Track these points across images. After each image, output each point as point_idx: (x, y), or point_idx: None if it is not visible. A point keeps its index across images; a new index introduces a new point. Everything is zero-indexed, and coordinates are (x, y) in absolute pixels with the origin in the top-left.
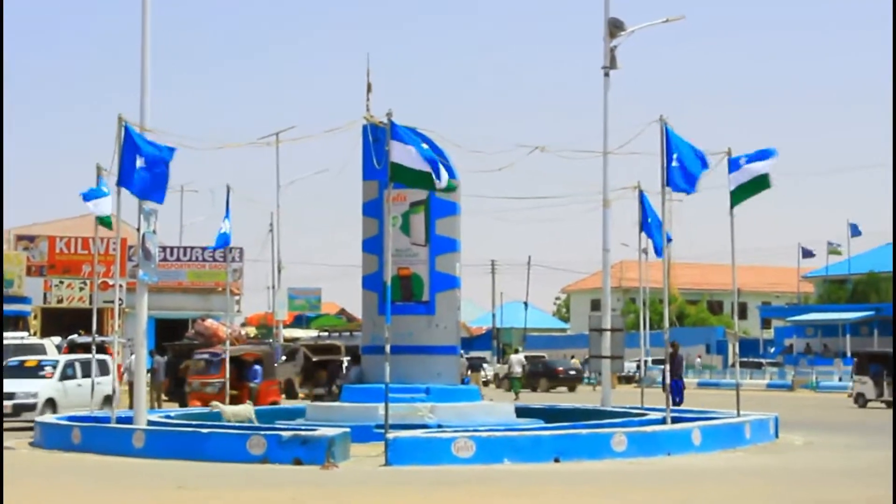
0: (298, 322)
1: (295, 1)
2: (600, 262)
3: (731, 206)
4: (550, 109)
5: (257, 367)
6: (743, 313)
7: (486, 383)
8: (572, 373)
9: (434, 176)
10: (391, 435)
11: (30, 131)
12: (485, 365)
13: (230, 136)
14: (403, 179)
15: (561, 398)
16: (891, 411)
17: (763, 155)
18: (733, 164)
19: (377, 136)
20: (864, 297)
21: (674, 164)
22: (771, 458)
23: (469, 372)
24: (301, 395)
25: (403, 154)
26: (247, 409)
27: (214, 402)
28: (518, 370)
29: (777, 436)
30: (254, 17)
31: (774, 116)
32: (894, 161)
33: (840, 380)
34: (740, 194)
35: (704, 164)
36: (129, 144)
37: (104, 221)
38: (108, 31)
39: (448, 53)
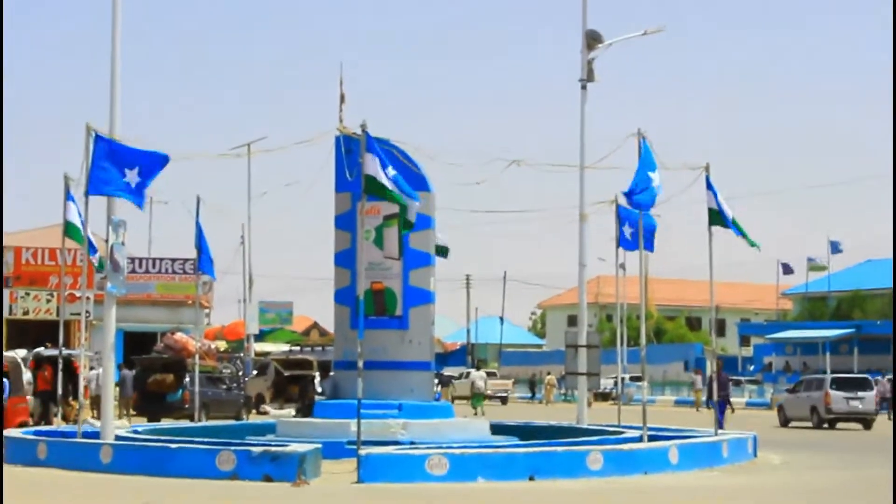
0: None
1: (267, 10)
2: (577, 277)
3: (710, 223)
4: (527, 122)
5: (4, 380)
6: (721, 330)
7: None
8: None
9: (405, 200)
10: (363, 451)
11: None
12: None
13: (201, 146)
14: (377, 192)
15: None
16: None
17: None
18: (712, 185)
19: (350, 148)
20: (847, 315)
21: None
22: (748, 477)
23: (440, 387)
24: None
25: (377, 167)
26: (121, 424)
27: (86, 419)
28: (480, 386)
29: (755, 455)
30: (225, 26)
31: (754, 130)
32: (894, 174)
33: None
34: (722, 219)
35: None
36: (103, 153)
37: (74, 235)
38: (77, 40)
39: (422, 64)
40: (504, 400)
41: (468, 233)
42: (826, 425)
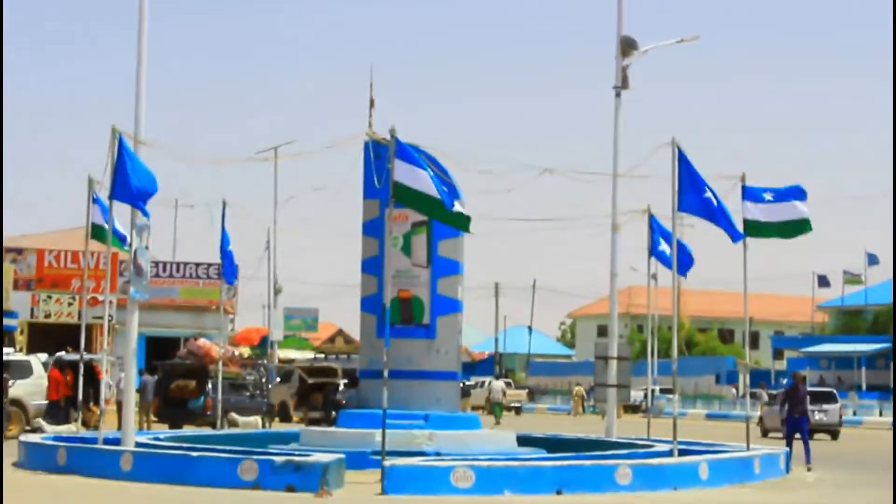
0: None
1: (295, 12)
2: (608, 287)
3: (745, 234)
4: (560, 129)
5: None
6: (755, 343)
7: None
8: None
9: (445, 205)
10: (388, 462)
11: (19, 141)
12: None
13: (228, 151)
14: (405, 200)
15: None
16: None
17: (791, 193)
18: (749, 192)
19: (379, 153)
20: (885, 329)
21: (708, 197)
22: (779, 494)
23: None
24: (295, 418)
25: (407, 174)
26: (68, 430)
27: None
28: (499, 396)
29: (788, 471)
30: (253, 29)
31: (791, 141)
32: (894, 187)
33: (854, 414)
34: (766, 230)
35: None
36: (123, 157)
37: (101, 238)
38: (103, 42)
39: (454, 70)
40: (518, 410)
41: (498, 241)
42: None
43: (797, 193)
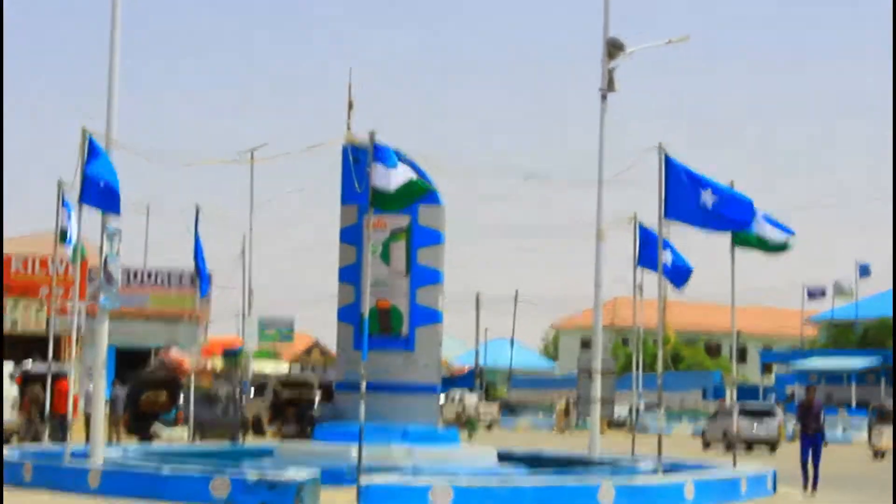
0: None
1: (273, 12)
2: (592, 298)
3: (734, 245)
4: (544, 133)
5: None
6: (742, 357)
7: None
8: None
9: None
10: (364, 480)
11: None
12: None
13: (202, 153)
14: (384, 205)
15: None
16: None
17: (780, 226)
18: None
19: (358, 157)
20: (877, 343)
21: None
22: None
23: None
24: (270, 433)
25: (385, 178)
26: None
27: None
28: (472, 412)
29: (775, 490)
30: (228, 31)
31: (780, 147)
32: (894, 195)
33: (844, 430)
34: (750, 242)
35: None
36: (91, 158)
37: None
38: (73, 41)
39: (436, 72)
40: (489, 426)
41: (479, 248)
42: (742, 448)
43: (783, 228)
